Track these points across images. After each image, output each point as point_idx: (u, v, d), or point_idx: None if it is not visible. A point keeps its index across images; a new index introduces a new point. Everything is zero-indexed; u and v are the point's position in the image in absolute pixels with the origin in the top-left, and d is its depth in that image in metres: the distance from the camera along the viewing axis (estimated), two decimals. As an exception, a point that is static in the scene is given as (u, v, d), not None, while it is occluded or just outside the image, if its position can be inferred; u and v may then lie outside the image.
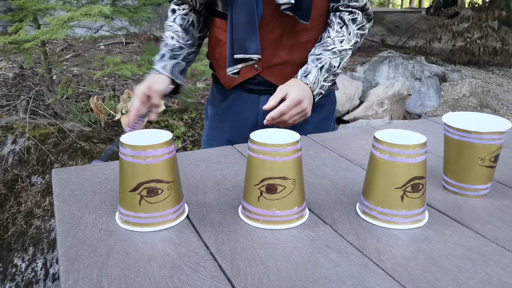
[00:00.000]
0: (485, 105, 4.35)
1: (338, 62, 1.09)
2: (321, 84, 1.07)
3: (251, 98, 1.17)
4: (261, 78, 1.14)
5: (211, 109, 1.26)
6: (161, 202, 0.65)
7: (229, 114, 1.21)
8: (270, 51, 1.10)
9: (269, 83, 1.13)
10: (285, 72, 1.11)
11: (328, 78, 1.08)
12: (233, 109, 1.21)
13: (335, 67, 1.09)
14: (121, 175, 0.65)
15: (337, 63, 1.09)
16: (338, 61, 1.09)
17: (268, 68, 1.12)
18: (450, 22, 7.12)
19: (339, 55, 1.09)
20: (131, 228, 0.65)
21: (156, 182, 0.64)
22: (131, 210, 0.65)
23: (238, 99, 1.19)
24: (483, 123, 0.76)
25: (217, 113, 1.23)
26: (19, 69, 3.44)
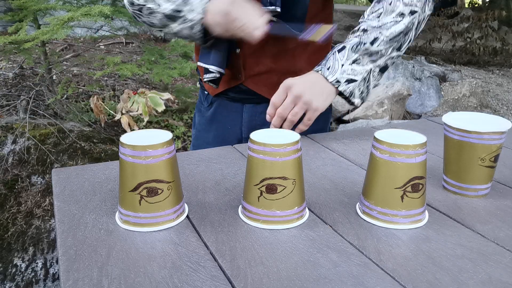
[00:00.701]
0: (485, 105, 4.35)
1: (372, 38, 0.89)
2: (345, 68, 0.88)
3: (234, 107, 1.10)
4: (245, 87, 1.06)
5: (198, 117, 1.20)
6: (161, 202, 0.65)
7: (213, 123, 1.14)
8: (253, 59, 1.02)
9: (253, 92, 1.06)
10: (271, 81, 1.02)
11: (360, 60, 0.88)
12: (216, 118, 1.13)
13: (366, 44, 0.89)
14: (121, 175, 0.65)
15: (369, 39, 0.89)
16: (373, 36, 0.88)
17: (252, 77, 1.04)
18: (450, 22, 7.12)
19: (373, 30, 0.89)
20: (131, 228, 0.65)
21: (156, 182, 0.64)
22: (131, 210, 0.65)
23: (221, 107, 1.12)
24: (483, 123, 0.76)
25: (202, 121, 1.18)
26: (19, 69, 3.44)
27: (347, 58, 0.88)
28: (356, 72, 0.88)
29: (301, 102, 0.88)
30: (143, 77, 3.71)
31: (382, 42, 0.89)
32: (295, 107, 0.88)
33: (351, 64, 0.88)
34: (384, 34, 0.89)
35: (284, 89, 0.88)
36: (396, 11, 0.89)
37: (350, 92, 0.90)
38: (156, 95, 2.34)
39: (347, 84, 0.89)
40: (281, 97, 0.88)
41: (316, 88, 0.88)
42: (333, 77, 0.88)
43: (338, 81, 0.88)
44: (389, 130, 0.71)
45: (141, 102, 2.26)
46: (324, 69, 0.89)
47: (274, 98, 0.89)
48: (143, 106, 2.25)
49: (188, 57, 2.92)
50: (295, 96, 0.87)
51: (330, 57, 0.90)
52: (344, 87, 0.89)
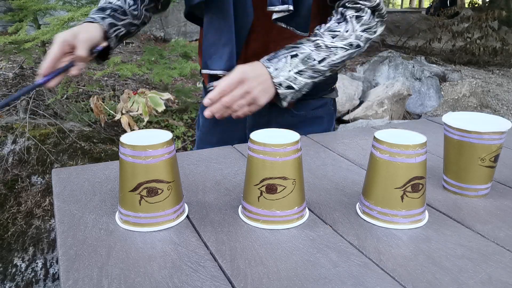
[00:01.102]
0: (485, 105, 4.35)
1: (321, 57, 0.92)
2: (290, 75, 0.90)
3: None
4: None
5: (202, 119, 1.20)
6: (161, 202, 0.65)
7: (217, 126, 1.15)
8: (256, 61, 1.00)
9: None
10: None
11: (304, 73, 0.92)
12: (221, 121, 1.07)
13: (315, 60, 0.92)
14: (121, 175, 0.65)
15: (319, 57, 0.92)
16: (322, 56, 0.92)
17: None
18: (450, 22, 7.12)
19: (324, 50, 0.92)
20: (131, 228, 0.65)
21: (156, 182, 0.64)
22: (131, 210, 0.65)
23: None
24: (483, 123, 0.76)
25: (206, 124, 1.18)
26: (19, 69, 3.44)
27: (295, 66, 0.91)
28: (297, 81, 0.92)
29: (249, 97, 0.88)
30: (143, 77, 3.71)
31: (327, 64, 0.94)
32: (242, 100, 0.88)
33: (296, 74, 0.91)
34: (332, 58, 0.94)
35: (238, 81, 0.87)
36: (348, 40, 0.94)
37: (284, 96, 0.93)
38: (156, 95, 2.33)
39: (286, 89, 0.92)
40: (231, 87, 0.87)
41: (264, 86, 0.90)
42: (278, 79, 0.90)
43: (280, 84, 0.91)
44: (389, 130, 0.71)
45: (141, 102, 2.26)
46: (273, 69, 0.90)
47: (223, 86, 0.87)
48: (143, 106, 2.25)
49: (188, 57, 2.92)
50: (245, 91, 0.88)
51: (282, 59, 0.91)
52: (283, 91, 0.91)
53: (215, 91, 0.86)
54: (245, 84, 0.87)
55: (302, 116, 1.11)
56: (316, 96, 1.11)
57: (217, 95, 0.86)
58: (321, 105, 1.12)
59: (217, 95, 0.86)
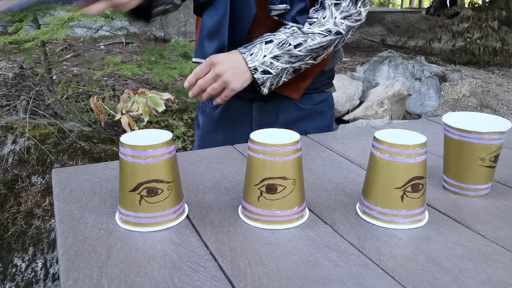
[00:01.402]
0: (485, 105, 4.35)
1: (297, 42, 0.94)
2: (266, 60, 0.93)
3: (242, 106, 1.12)
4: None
5: (202, 118, 1.21)
6: (161, 202, 0.65)
7: (221, 123, 1.16)
8: None
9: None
10: None
11: (280, 57, 0.94)
12: (224, 118, 1.15)
13: (290, 45, 0.94)
14: (121, 175, 0.65)
15: (295, 42, 0.94)
16: (298, 41, 0.94)
17: None
18: (450, 22, 7.13)
19: (301, 36, 0.95)
20: (131, 228, 0.65)
21: (156, 182, 0.64)
22: (131, 210, 0.65)
23: (229, 107, 1.13)
24: (483, 123, 0.76)
25: (208, 122, 1.18)
26: (19, 69, 3.44)
27: (270, 51, 0.94)
28: (273, 66, 0.95)
29: (221, 80, 0.93)
30: (143, 77, 3.71)
31: (304, 49, 0.96)
32: (214, 83, 0.94)
33: (272, 58, 0.95)
34: (308, 42, 0.96)
35: (208, 65, 0.94)
36: (326, 27, 0.96)
37: (263, 81, 0.96)
38: (156, 95, 2.33)
39: (262, 74, 0.95)
40: (204, 70, 0.94)
41: (236, 71, 0.94)
42: (253, 64, 0.94)
43: (255, 69, 0.94)
44: (389, 130, 0.71)
45: (141, 102, 2.26)
46: (247, 54, 0.94)
47: (197, 69, 0.94)
48: (143, 106, 2.25)
49: (188, 57, 2.92)
50: (216, 74, 0.93)
51: (257, 45, 0.95)
52: (259, 76, 0.95)
53: (191, 74, 0.94)
54: (215, 67, 0.92)
55: (307, 110, 1.14)
56: (319, 90, 1.14)
57: (192, 78, 0.94)
58: (323, 99, 1.16)
59: (193, 78, 0.94)
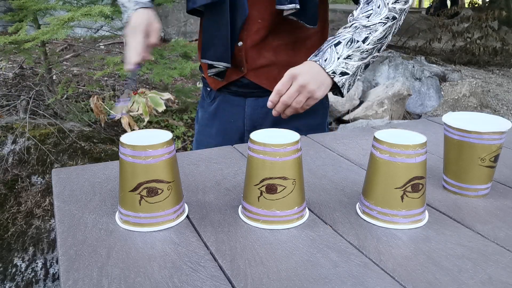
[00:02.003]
0: (485, 105, 4.35)
1: (363, 37, 0.94)
2: (340, 61, 0.93)
3: (236, 101, 1.14)
4: (247, 80, 1.10)
5: (201, 112, 1.25)
6: (161, 202, 0.65)
7: (216, 118, 1.19)
8: (255, 52, 1.07)
9: (255, 85, 1.10)
10: (271, 74, 1.07)
11: (353, 56, 0.94)
12: (220, 112, 1.18)
13: (358, 42, 0.93)
14: (121, 175, 0.65)
15: (361, 37, 0.94)
16: (364, 35, 0.94)
17: (254, 70, 1.08)
18: (450, 22, 7.13)
19: (364, 30, 0.94)
20: (131, 228, 0.65)
21: (156, 182, 0.64)
22: (131, 210, 0.65)
23: (224, 102, 1.16)
24: (483, 123, 0.76)
25: (205, 116, 1.22)
26: (19, 69, 3.44)
27: (342, 52, 0.94)
28: (348, 66, 0.94)
29: (306, 92, 0.92)
30: (143, 77, 3.71)
31: (372, 41, 0.95)
32: (299, 96, 0.92)
33: (346, 59, 0.94)
34: (373, 34, 0.95)
35: (290, 78, 0.92)
36: (383, 15, 0.95)
37: (343, 84, 0.95)
38: (156, 95, 2.33)
39: (341, 76, 0.94)
40: (286, 85, 0.92)
41: (318, 79, 0.93)
42: (330, 68, 0.93)
43: (334, 72, 0.93)
44: (389, 130, 0.71)
45: (141, 102, 2.26)
46: (322, 61, 0.93)
47: (279, 86, 0.92)
48: (143, 106, 2.25)
49: (188, 57, 2.92)
50: (300, 85, 0.91)
51: (327, 50, 0.94)
52: (339, 79, 0.94)
53: (273, 93, 0.92)
54: (298, 80, 0.91)
55: None
56: None
57: (275, 96, 0.92)
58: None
59: (275, 96, 0.92)
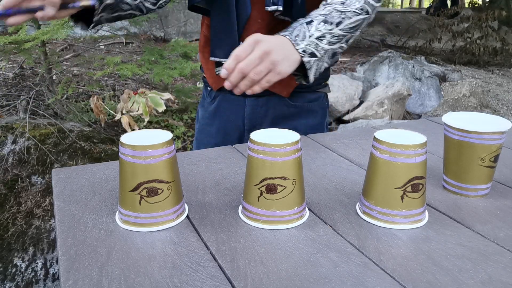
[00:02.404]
0: (485, 105, 4.35)
1: (337, 20, 0.88)
2: (312, 40, 0.85)
3: (236, 100, 1.14)
4: None
5: (201, 112, 1.25)
6: (161, 202, 0.65)
7: (216, 117, 1.19)
8: None
9: None
10: None
11: (323, 38, 0.86)
12: (220, 112, 1.18)
13: (332, 24, 0.87)
14: (121, 175, 0.65)
15: (335, 20, 0.87)
16: (338, 19, 0.88)
17: None
18: (450, 22, 7.13)
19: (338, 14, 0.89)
20: (131, 228, 0.65)
21: (156, 182, 0.64)
22: (131, 210, 0.65)
23: (224, 101, 1.16)
24: (483, 123, 0.76)
25: (205, 115, 1.23)
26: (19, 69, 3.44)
27: (314, 31, 0.86)
28: (318, 48, 0.86)
29: (268, 61, 0.79)
30: (143, 77, 3.71)
31: (345, 27, 0.89)
32: (260, 65, 0.79)
33: (317, 39, 0.86)
34: (347, 21, 0.89)
35: (252, 43, 0.79)
36: (357, 6, 0.91)
37: (310, 66, 0.87)
38: (156, 95, 2.33)
39: (310, 57, 0.86)
40: (246, 50, 0.78)
41: (285, 51, 0.83)
42: (301, 46, 0.84)
43: (304, 51, 0.85)
44: (389, 130, 0.71)
45: (141, 102, 2.26)
46: (292, 36, 0.84)
47: (238, 50, 0.79)
48: (144, 106, 2.25)
49: (188, 57, 2.92)
50: (264, 51, 0.79)
51: (297, 27, 0.86)
52: (308, 59, 0.85)
53: (230, 58, 0.79)
54: (260, 45, 0.79)
55: (298, 107, 1.15)
56: (311, 89, 1.15)
57: (232, 62, 0.78)
58: (315, 98, 1.16)
59: (233, 61, 0.78)
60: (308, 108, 1.16)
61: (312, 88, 1.15)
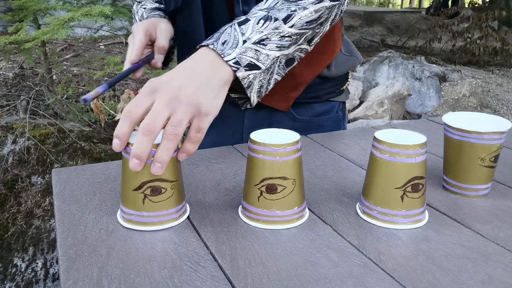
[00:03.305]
0: (485, 105, 4.35)
1: (284, 14, 0.65)
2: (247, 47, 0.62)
3: (235, 112, 1.00)
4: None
5: None
6: (164, 201, 0.65)
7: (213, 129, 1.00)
8: None
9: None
10: None
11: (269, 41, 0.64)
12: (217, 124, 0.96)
13: (277, 20, 0.65)
14: (124, 174, 0.65)
15: (281, 15, 0.65)
16: (286, 12, 0.65)
17: None
18: (450, 22, 7.13)
19: (286, 5, 0.67)
20: (134, 227, 0.65)
21: (160, 181, 0.64)
22: (134, 209, 0.65)
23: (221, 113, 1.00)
24: (483, 123, 0.76)
25: None
26: (19, 69, 3.44)
27: (251, 34, 0.63)
28: (260, 55, 0.64)
29: (183, 103, 0.56)
30: (143, 77, 3.71)
31: (297, 23, 0.67)
32: (176, 114, 0.56)
33: (256, 44, 0.63)
34: (300, 14, 0.66)
35: (148, 92, 0.56)
36: None
37: (249, 83, 0.65)
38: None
39: (247, 70, 0.63)
40: (142, 103, 0.56)
41: (202, 74, 0.59)
42: (231, 56, 0.61)
43: (237, 63, 0.62)
44: (389, 130, 0.71)
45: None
46: (218, 44, 0.61)
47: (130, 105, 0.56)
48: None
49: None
50: (169, 96, 0.56)
51: (226, 29, 0.64)
52: (243, 74, 0.63)
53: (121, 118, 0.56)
54: (162, 91, 0.56)
55: (305, 121, 1.00)
56: (320, 99, 0.98)
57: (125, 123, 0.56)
58: (326, 110, 1.00)
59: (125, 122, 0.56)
60: (318, 123, 1.01)
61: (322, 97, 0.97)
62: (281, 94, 0.92)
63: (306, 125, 1.01)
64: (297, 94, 0.94)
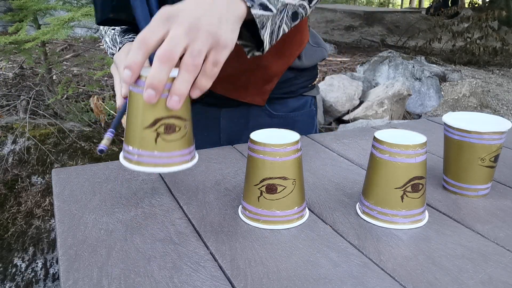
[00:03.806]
0: (485, 105, 4.35)
1: None
2: None
3: (211, 113, 1.00)
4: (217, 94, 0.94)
5: None
6: (178, 140, 0.59)
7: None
8: None
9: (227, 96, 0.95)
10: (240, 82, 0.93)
11: None
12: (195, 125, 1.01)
13: None
14: (132, 111, 0.58)
15: None
16: None
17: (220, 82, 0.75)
18: (450, 22, 7.13)
19: None
20: (144, 169, 0.59)
21: (175, 118, 0.58)
22: (145, 149, 0.58)
23: (199, 114, 1.01)
24: (483, 123, 0.76)
25: None
26: (19, 69, 3.45)
27: None
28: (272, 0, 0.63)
29: (202, 33, 0.53)
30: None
31: None
32: (194, 43, 0.52)
33: None
34: None
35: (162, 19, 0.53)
36: None
37: (263, 23, 0.63)
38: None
39: (261, 10, 0.61)
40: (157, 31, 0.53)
41: (219, 7, 0.56)
42: None
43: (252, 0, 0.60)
44: (389, 130, 0.71)
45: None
46: None
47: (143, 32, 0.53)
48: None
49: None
50: (188, 24, 0.53)
51: None
52: (258, 11, 0.61)
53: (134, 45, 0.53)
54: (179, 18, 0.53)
55: (281, 117, 1.02)
56: (294, 94, 1.02)
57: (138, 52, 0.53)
58: (300, 105, 1.03)
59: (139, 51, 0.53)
60: (294, 118, 1.03)
61: (296, 92, 1.01)
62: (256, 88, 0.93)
63: (282, 121, 1.02)
64: (271, 87, 0.96)
